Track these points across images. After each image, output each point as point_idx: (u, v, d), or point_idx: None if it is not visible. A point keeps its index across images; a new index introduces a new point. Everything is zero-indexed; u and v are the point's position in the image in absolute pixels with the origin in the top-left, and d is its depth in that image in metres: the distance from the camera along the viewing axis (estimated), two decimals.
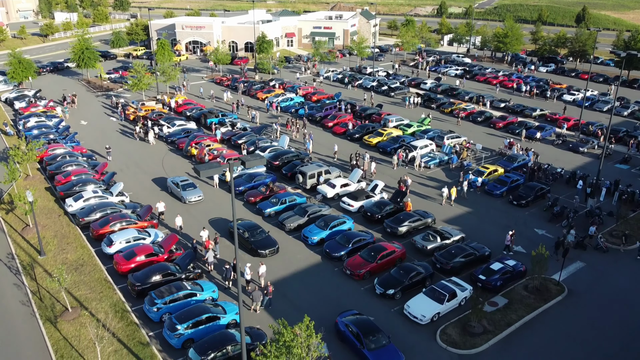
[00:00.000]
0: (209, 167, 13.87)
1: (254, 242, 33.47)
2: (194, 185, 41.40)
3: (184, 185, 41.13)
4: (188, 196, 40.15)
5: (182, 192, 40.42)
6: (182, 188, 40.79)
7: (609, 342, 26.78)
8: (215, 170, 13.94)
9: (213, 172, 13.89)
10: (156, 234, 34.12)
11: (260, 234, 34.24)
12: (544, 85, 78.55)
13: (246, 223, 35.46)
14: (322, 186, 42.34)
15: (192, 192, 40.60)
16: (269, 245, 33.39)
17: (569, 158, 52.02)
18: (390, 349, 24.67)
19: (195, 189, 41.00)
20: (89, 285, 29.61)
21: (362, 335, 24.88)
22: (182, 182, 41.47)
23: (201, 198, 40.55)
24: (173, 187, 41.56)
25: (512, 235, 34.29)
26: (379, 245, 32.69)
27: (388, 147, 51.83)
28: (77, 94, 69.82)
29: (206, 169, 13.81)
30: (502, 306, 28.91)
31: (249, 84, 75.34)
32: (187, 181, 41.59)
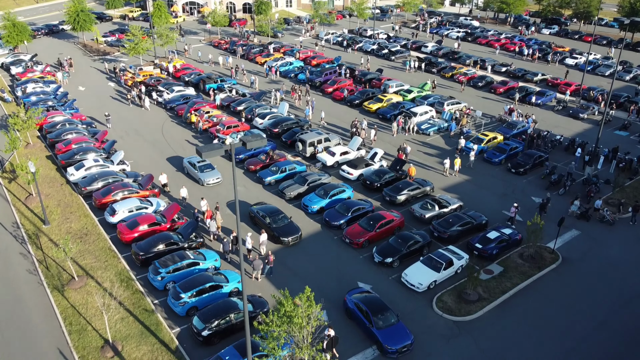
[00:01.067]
0: (210, 149, 14.07)
1: (276, 229, 32.08)
2: (211, 166, 39.38)
3: (202, 166, 39.11)
4: (206, 178, 38.33)
5: (199, 174, 38.61)
6: (199, 169, 38.85)
7: (599, 308, 27.62)
8: (217, 151, 14.16)
9: (215, 154, 14.13)
10: (158, 203, 34.57)
11: (282, 219, 32.72)
12: (547, 49, 77.55)
13: (267, 207, 33.85)
14: (321, 154, 42.54)
15: (210, 173, 38.69)
16: (291, 232, 32.00)
17: (568, 124, 52.01)
18: (399, 327, 24.61)
19: (213, 170, 39.06)
20: (94, 254, 30.26)
21: (370, 313, 24.79)
22: (199, 162, 39.44)
23: (220, 180, 38.80)
24: (190, 168, 39.65)
25: (516, 208, 34.41)
26: (377, 214, 33.19)
27: (388, 113, 51.72)
28: (74, 58, 69.01)
29: (208, 150, 14.01)
30: (498, 274, 29.65)
31: (248, 47, 74.33)
32: (205, 162, 39.51)
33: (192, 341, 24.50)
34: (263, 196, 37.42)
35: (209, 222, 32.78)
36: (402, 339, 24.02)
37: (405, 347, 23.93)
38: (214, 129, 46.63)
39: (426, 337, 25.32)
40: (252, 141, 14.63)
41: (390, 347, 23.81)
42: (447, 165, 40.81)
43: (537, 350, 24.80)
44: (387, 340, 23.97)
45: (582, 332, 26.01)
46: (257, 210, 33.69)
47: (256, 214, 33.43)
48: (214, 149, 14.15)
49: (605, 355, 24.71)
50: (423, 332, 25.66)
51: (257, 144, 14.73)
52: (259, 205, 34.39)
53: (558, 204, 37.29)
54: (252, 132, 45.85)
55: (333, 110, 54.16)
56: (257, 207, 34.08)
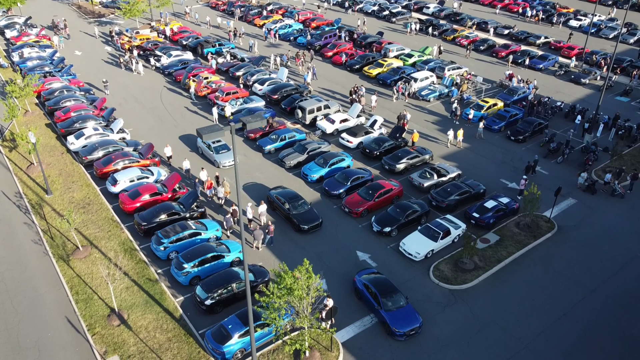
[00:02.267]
0: (210, 131, 14.16)
1: (296, 216, 30.74)
2: (227, 146, 37.77)
3: (217, 147, 37.46)
4: (222, 160, 36.67)
5: (215, 156, 36.93)
6: (215, 151, 37.20)
7: (592, 277, 28.31)
8: (217, 133, 14.25)
9: (215, 136, 14.24)
10: (159, 173, 34.83)
11: (302, 205, 31.29)
12: (550, 10, 76.03)
13: (286, 192, 32.33)
14: (321, 121, 42.49)
15: (227, 155, 37.13)
16: (311, 220, 30.60)
17: (570, 90, 51.66)
18: (407, 310, 24.52)
19: (229, 151, 37.53)
20: (97, 224, 30.74)
21: (379, 295, 24.79)
22: (214, 143, 37.88)
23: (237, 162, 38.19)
24: (204, 149, 38.02)
25: (526, 180, 34.37)
26: (376, 184, 33.50)
27: (388, 79, 51.29)
28: (68, 20, 67.77)
29: (208, 132, 14.11)
30: (494, 243, 30.21)
31: (246, 8, 72.83)
32: (220, 142, 37.93)
33: (196, 310, 25.26)
34: (263, 165, 37.65)
35: (214, 190, 33.16)
36: (411, 321, 23.97)
37: (413, 330, 23.88)
38: (212, 96, 46.36)
39: (423, 305, 26.06)
40: (252, 122, 14.70)
41: (398, 330, 23.78)
42: (450, 136, 40.46)
43: (531, 316, 25.60)
44: (395, 323, 23.95)
45: (575, 298, 26.76)
46: (276, 195, 32.28)
47: (275, 200, 32.10)
48: (214, 130, 14.25)
49: (597, 319, 25.52)
50: (420, 300, 26.39)
51: (257, 125, 14.82)
52: (277, 190, 32.94)
53: (557, 172, 37.58)
54: (251, 98, 45.60)
55: (332, 75, 53.67)
56: (275, 192, 32.62)
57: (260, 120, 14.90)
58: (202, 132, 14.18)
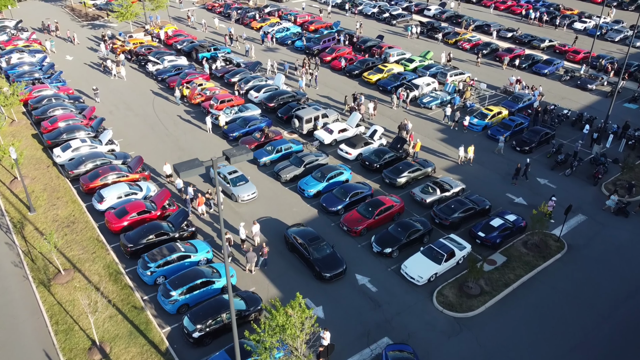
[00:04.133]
0: (189, 167, 12.51)
1: (317, 261, 27.12)
2: (245, 177, 33.79)
3: (235, 179, 33.37)
4: (240, 193, 32.77)
5: (232, 189, 33.05)
6: (232, 183, 33.23)
7: (605, 300, 26.68)
8: (196, 170, 12.63)
9: (194, 173, 12.61)
10: (148, 188, 33.17)
11: (324, 248, 27.73)
12: (554, 12, 74.26)
13: (306, 232, 28.69)
14: (319, 131, 40.81)
15: (245, 187, 33.16)
16: (334, 266, 26.95)
17: (576, 96, 49.97)
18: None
19: (247, 183, 33.51)
20: (81, 245, 29.09)
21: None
22: (230, 174, 33.76)
23: (255, 195, 33.38)
24: (219, 180, 33.10)
25: (554, 201, 32.17)
26: (376, 200, 31.85)
27: (388, 85, 49.58)
28: (61, 23, 66.01)
29: (186, 169, 12.45)
30: (501, 264, 28.58)
31: (243, 11, 71.05)
32: (237, 173, 33.81)
33: (183, 341, 23.63)
34: (258, 177, 35.97)
35: (202, 209, 31.62)
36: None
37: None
38: (207, 104, 44.69)
39: (426, 335, 24.46)
40: (236, 155, 13.07)
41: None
42: (461, 152, 37.93)
43: (542, 347, 23.97)
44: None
45: (588, 325, 25.14)
46: (294, 235, 28.75)
47: (292, 240, 28.62)
48: (193, 166, 12.59)
49: (611, 350, 23.90)
50: (423, 329, 24.79)
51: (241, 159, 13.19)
52: (295, 229, 29.39)
53: (565, 185, 35.91)
54: (246, 106, 43.93)
55: (331, 81, 51.97)
56: (293, 231, 29.07)
57: (245, 153, 13.27)
58: (180, 168, 12.55)
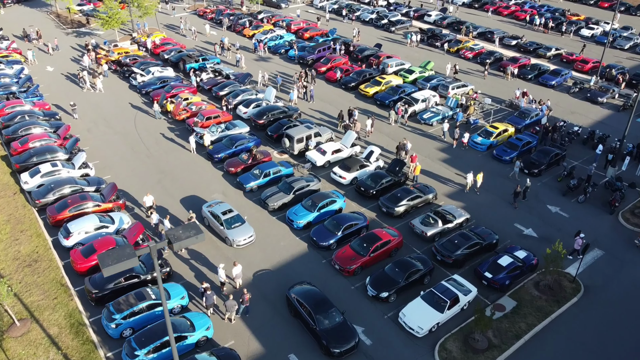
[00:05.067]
0: (116, 260, 9.59)
1: (324, 332, 23.05)
2: (240, 218, 29.81)
3: (229, 220, 29.46)
4: (236, 237, 28.90)
5: (226, 231, 29.10)
6: (226, 224, 29.32)
7: (627, 353, 23.67)
8: (124, 263, 9.72)
9: (123, 267, 9.73)
10: (121, 220, 30.15)
11: (333, 316, 23.66)
12: (560, 17, 71.21)
13: (311, 294, 24.44)
14: (311, 152, 37.81)
15: (241, 230, 29.28)
16: (345, 339, 22.83)
17: (585, 110, 46.95)
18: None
19: (243, 224, 29.59)
20: (42, 289, 26.08)
21: None
22: (224, 214, 29.84)
23: (253, 239, 29.58)
24: (211, 220, 30.22)
25: (583, 239, 29.12)
26: (372, 234, 28.83)
27: (386, 99, 46.56)
28: (45, 30, 63.04)
29: (113, 262, 9.51)
30: (510, 310, 25.57)
31: (235, 18, 68.01)
32: (232, 213, 29.84)
33: None
34: (243, 205, 32.97)
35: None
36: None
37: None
38: (191, 120, 41.68)
39: None
40: (181, 240, 10.14)
41: None
42: (469, 179, 34.53)
43: None
44: None
45: None
46: (296, 297, 24.64)
47: (295, 303, 24.49)
48: (121, 259, 9.62)
49: None
50: None
51: (186, 244, 10.25)
52: (298, 288, 25.17)
53: (578, 214, 32.88)
54: (234, 124, 40.94)
55: (326, 94, 48.97)
56: (296, 292, 24.90)
57: (194, 235, 10.35)
58: (104, 263, 9.62)
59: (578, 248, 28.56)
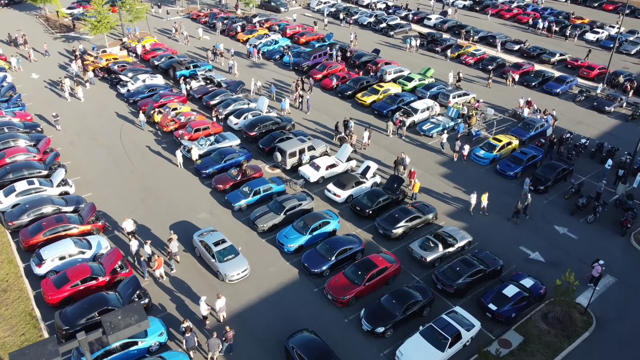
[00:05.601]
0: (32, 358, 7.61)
1: None
2: (234, 249, 27.13)
3: (221, 252, 26.78)
4: (229, 271, 26.22)
5: (217, 265, 26.37)
6: (217, 257, 26.58)
7: None
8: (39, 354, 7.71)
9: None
10: (99, 244, 28.12)
11: None
12: (564, 21, 69.12)
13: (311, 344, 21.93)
14: (304, 167, 35.80)
15: (234, 263, 26.50)
16: None
17: (592, 119, 44.94)
18: None
19: (237, 257, 26.94)
20: (10, 323, 24.09)
21: None
22: (216, 244, 27.13)
23: (247, 273, 26.82)
24: (202, 251, 27.62)
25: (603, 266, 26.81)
26: (367, 261, 26.82)
27: (384, 108, 44.52)
28: (33, 35, 61.00)
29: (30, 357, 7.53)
30: (517, 347, 23.58)
31: (229, 22, 65.93)
32: (225, 244, 27.18)
33: None
34: (231, 226, 30.98)
35: (160, 272, 26.67)
36: None
37: None
38: (178, 133, 39.64)
39: None
40: (119, 329, 8.12)
41: None
42: (473, 200, 32.11)
43: None
44: None
45: None
46: (297, 349, 21.84)
47: (295, 356, 21.86)
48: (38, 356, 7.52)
49: None
50: None
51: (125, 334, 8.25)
52: (299, 336, 22.58)
53: (588, 236, 30.86)
54: (224, 136, 38.95)
55: (321, 103, 46.94)
56: (296, 342, 22.22)
57: (136, 322, 8.40)
58: None
59: (597, 275, 26.45)
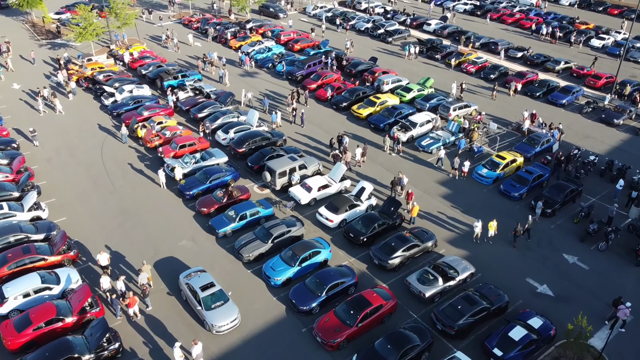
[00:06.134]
0: None
1: None
2: (223, 295, 24.46)
3: (209, 298, 24.11)
4: (216, 321, 23.58)
5: (204, 313, 23.81)
6: (204, 304, 23.95)
7: None
8: None
9: None
10: (69, 278, 25.82)
11: None
12: (568, 26, 66.75)
13: None
14: (294, 189, 33.50)
15: (222, 311, 23.85)
16: None
17: (600, 133, 42.63)
18: None
19: (226, 303, 24.21)
20: None
21: None
22: (203, 288, 24.43)
23: (237, 322, 24.13)
24: (188, 295, 24.97)
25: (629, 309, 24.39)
26: (360, 299, 24.52)
27: (381, 122, 42.21)
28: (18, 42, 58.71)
29: None
30: None
31: (222, 28, 63.56)
32: (213, 288, 24.43)
33: None
34: (214, 255, 28.70)
35: (133, 311, 24.39)
36: None
37: None
38: (164, 148, 37.35)
39: None
40: None
41: None
42: (478, 229, 29.85)
43: None
44: None
45: None
46: None
47: None
48: None
49: None
50: None
51: None
52: None
53: (600, 266, 28.54)
54: (210, 152, 36.67)
55: (315, 116, 44.61)
56: None
57: None
58: None
59: (624, 318, 24.07)
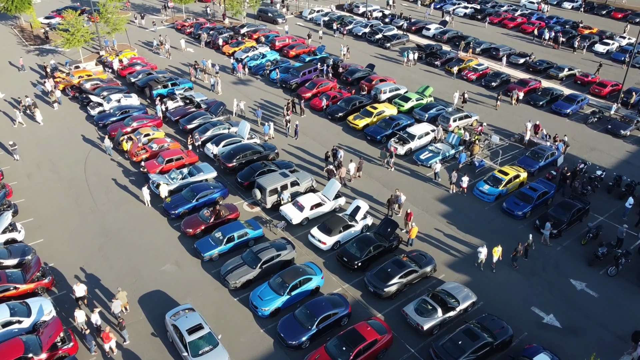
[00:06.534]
0: None
1: None
2: (213, 339, 22.49)
3: (196, 344, 22.07)
4: None
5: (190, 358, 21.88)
6: (190, 349, 21.87)
7: None
8: None
9: None
10: (40, 309, 24.04)
11: None
12: (571, 31, 64.95)
13: None
14: (285, 207, 31.73)
15: (210, 357, 21.85)
16: None
17: (607, 145, 40.83)
18: None
19: (215, 348, 22.21)
20: None
21: None
22: (190, 331, 22.47)
23: None
24: (174, 337, 23.00)
25: None
26: (353, 333, 22.75)
27: (378, 133, 40.42)
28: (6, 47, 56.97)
29: None
30: None
31: (215, 33, 61.79)
32: (202, 331, 22.49)
33: None
34: (200, 281, 26.92)
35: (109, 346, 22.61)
36: None
37: None
38: (150, 163, 35.62)
39: None
40: None
41: None
42: (482, 255, 27.96)
43: None
44: None
45: None
46: None
47: None
48: None
49: None
50: None
51: None
52: None
53: (610, 293, 26.73)
54: (199, 167, 34.92)
55: (309, 127, 42.83)
56: None
57: None
58: None
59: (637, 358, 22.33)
